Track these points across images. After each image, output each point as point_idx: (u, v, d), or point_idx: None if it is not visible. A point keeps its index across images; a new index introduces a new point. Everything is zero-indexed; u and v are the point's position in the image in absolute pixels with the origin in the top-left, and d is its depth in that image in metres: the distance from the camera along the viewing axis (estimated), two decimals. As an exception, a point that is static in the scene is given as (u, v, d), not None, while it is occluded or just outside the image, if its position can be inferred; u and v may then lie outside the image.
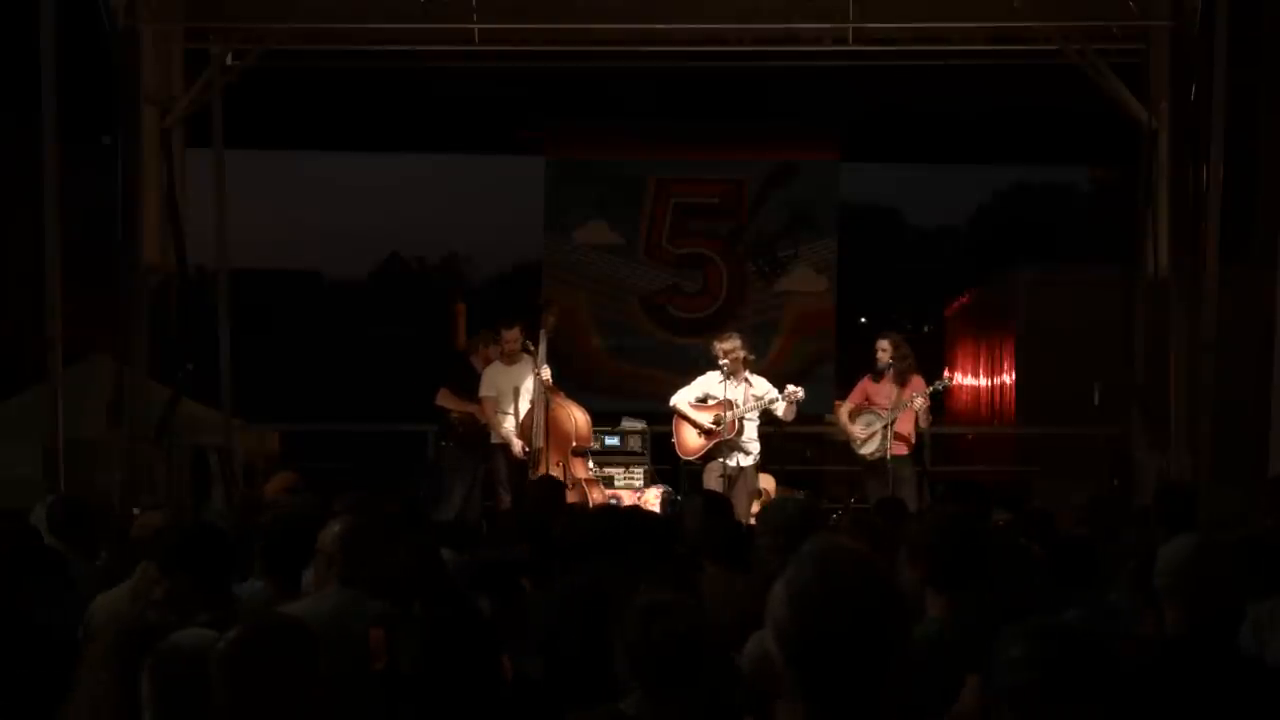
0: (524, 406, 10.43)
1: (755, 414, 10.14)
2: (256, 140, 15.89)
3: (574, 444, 10.42)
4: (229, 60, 11.62)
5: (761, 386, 10.15)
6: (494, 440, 10.58)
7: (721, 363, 10.09)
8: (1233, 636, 3.85)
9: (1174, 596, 3.81)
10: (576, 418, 10.46)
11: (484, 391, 10.60)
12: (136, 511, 7.67)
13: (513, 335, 10.51)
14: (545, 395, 10.29)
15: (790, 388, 10.07)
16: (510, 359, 10.58)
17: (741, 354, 10.10)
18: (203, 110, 11.67)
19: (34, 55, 9.36)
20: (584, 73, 12.36)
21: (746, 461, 10.13)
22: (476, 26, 11.50)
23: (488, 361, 10.86)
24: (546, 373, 10.39)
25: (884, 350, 10.31)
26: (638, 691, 3.37)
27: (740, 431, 10.08)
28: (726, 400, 10.05)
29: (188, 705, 2.95)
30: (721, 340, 10.24)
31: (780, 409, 10.07)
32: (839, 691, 1.92)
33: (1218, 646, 3.71)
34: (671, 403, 10.40)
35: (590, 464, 10.71)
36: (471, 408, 10.71)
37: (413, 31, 11.48)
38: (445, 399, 10.89)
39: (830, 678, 1.91)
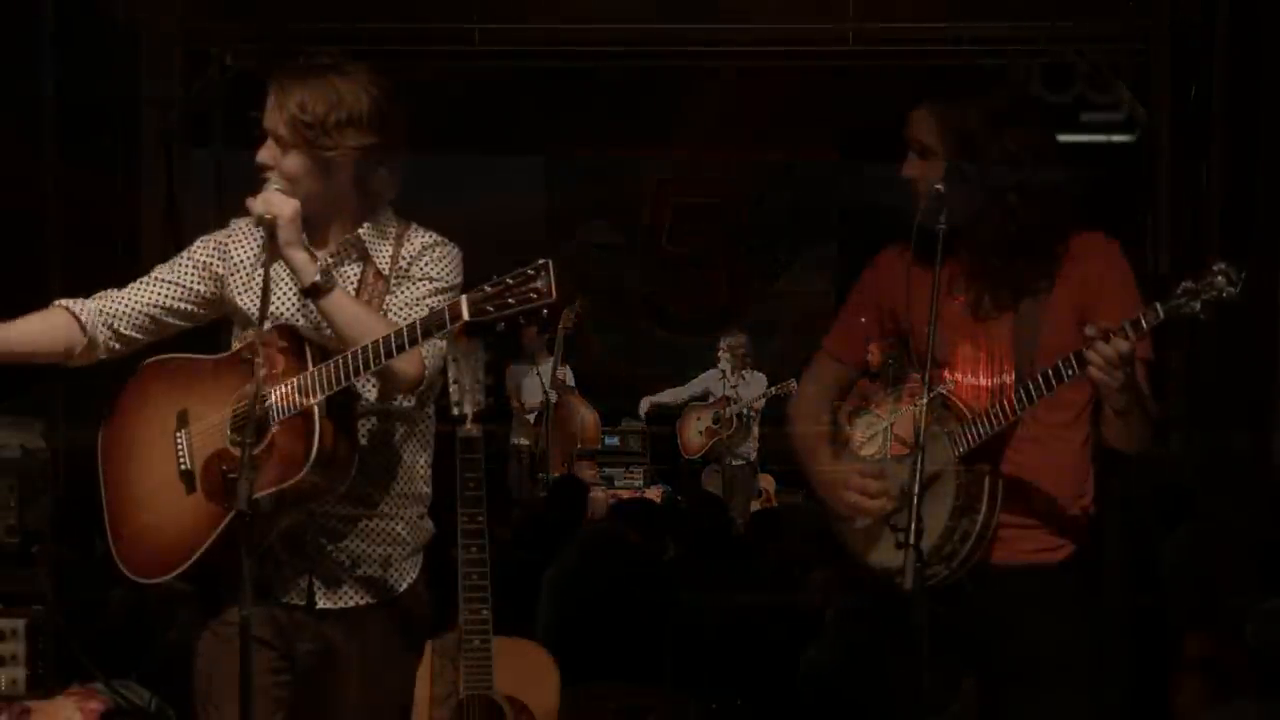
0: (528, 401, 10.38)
1: (755, 414, 10.14)
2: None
3: (579, 445, 10.37)
4: (229, 60, 11.61)
5: (758, 385, 10.13)
6: (513, 441, 10.52)
7: (720, 354, 10.10)
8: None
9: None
10: (585, 418, 10.37)
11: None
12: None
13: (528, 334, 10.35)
14: (553, 395, 10.20)
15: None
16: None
17: (742, 352, 10.10)
18: (203, 110, 11.66)
19: (34, 55, 9.36)
20: (584, 73, 12.35)
21: (745, 460, 10.13)
22: (476, 27, 11.48)
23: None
24: (565, 372, 10.30)
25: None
26: None
27: (738, 430, 10.07)
28: (725, 398, 10.05)
29: None
30: (727, 336, 10.24)
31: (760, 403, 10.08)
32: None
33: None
34: (658, 399, 10.33)
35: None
36: None
37: (412, 31, 11.47)
38: None
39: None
